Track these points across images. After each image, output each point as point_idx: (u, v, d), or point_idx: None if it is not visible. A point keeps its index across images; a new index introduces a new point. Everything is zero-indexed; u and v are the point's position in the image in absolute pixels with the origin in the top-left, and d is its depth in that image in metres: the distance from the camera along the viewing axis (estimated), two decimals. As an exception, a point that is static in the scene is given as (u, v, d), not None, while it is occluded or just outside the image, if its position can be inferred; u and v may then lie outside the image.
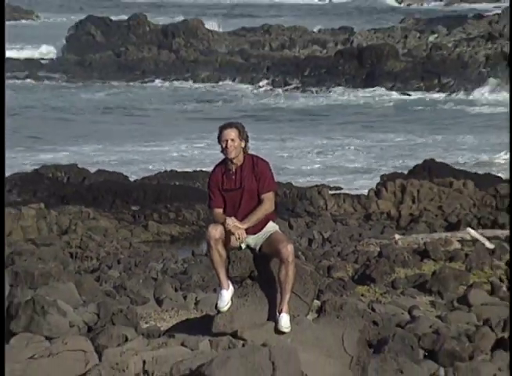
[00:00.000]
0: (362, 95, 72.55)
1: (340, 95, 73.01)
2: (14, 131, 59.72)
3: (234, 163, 12.30)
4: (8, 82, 78.13)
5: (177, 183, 39.10)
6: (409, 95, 72.36)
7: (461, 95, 71.72)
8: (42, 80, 79.69)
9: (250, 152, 12.54)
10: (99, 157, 51.14)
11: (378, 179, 38.15)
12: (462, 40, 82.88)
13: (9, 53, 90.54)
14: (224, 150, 12.31)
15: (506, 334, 19.13)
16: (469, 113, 66.44)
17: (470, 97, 71.20)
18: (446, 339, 18.63)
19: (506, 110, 66.41)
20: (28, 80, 79.43)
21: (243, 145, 12.35)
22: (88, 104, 70.23)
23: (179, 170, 41.74)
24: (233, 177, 12.30)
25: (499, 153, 50.74)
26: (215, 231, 12.17)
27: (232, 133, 12.32)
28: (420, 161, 41.03)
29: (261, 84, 76.73)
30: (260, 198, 12.30)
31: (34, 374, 11.96)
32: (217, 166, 12.51)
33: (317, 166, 48.99)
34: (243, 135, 12.38)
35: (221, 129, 12.45)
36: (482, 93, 71.88)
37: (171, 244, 32.04)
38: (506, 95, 69.57)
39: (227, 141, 12.28)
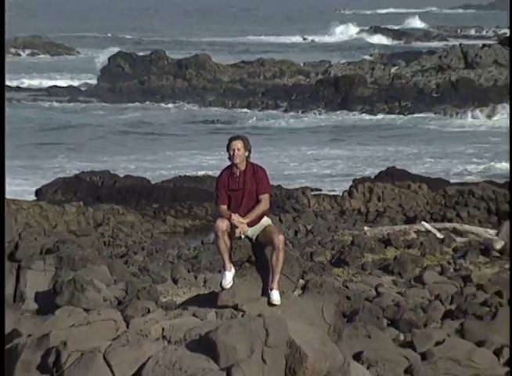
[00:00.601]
0: (338, 116, 72.39)
1: (320, 115, 72.88)
2: (57, 143, 59.87)
3: (238, 168, 12.34)
4: (53, 105, 78.36)
5: (189, 186, 39.09)
6: (376, 115, 72.25)
7: (417, 115, 71.63)
8: (81, 103, 79.60)
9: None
10: (126, 164, 51.19)
11: (350, 183, 38.15)
12: (417, 71, 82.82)
13: (54, 82, 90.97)
14: (231, 157, 12.36)
15: (453, 307, 19.14)
16: (424, 129, 66.41)
17: (426, 116, 71.15)
18: (405, 311, 18.65)
19: (454, 128, 66.76)
20: (70, 103, 79.32)
21: (246, 154, 12.41)
22: (117, 122, 70.17)
23: (190, 175, 41.73)
24: (237, 180, 12.34)
25: (453, 160, 51.16)
26: (222, 224, 12.20)
27: (238, 144, 12.36)
28: (384, 168, 41.11)
29: (257, 106, 76.72)
30: (258, 198, 12.33)
31: (75, 339, 11.93)
32: (224, 170, 12.54)
33: (302, 172, 49.07)
34: (247, 147, 12.43)
35: (230, 140, 12.51)
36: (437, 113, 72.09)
37: (184, 235, 32.03)
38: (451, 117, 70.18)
39: (234, 150, 12.33)
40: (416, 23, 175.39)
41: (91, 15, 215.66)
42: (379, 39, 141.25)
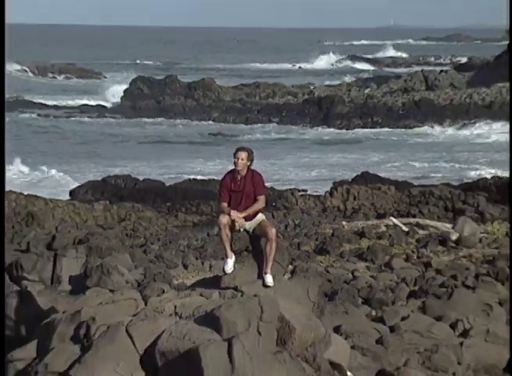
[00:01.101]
0: (321, 129, 72.45)
1: (305, 129, 72.97)
2: (88, 152, 59.96)
3: (240, 173, 12.27)
4: (85, 120, 78.49)
5: (196, 187, 39.10)
6: (352, 129, 72.32)
7: (386, 128, 71.74)
8: (108, 119, 79.75)
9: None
10: (144, 169, 51.24)
11: (331, 185, 38.16)
12: (386, 92, 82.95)
13: (85, 101, 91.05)
14: (235, 164, 12.30)
15: (416, 288, 19.16)
16: (392, 140, 66.55)
17: (393, 130, 71.27)
18: (376, 291, 18.69)
19: (417, 139, 66.86)
20: (99, 119, 79.51)
21: (248, 163, 12.31)
22: (137, 134, 70.32)
23: (198, 178, 41.76)
24: (238, 182, 12.28)
25: (416, 165, 51.30)
26: (224, 219, 12.16)
27: (243, 154, 12.27)
28: (359, 173, 41.13)
29: (253, 122, 76.90)
30: (256, 198, 12.31)
31: (102, 315, 11.94)
32: (227, 173, 12.47)
33: (291, 176, 49.13)
34: (250, 157, 12.33)
35: (237, 150, 12.42)
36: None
37: (193, 228, 32.03)
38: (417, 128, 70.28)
39: (238, 158, 12.24)
40: (386, 52, 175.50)
41: (115, 45, 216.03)
42: (354, 66, 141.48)
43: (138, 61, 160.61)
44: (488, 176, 37.80)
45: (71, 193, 39.14)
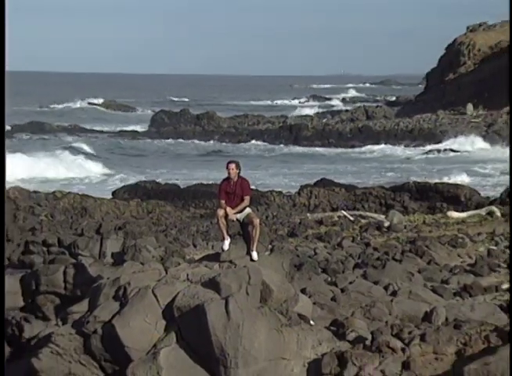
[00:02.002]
0: (292, 148, 72.46)
1: (281, 148, 73.02)
2: (124, 164, 59.88)
3: (232, 179, 12.24)
4: (122, 141, 78.26)
5: (203, 189, 38.97)
6: (314, 148, 72.39)
7: (339, 148, 71.79)
8: (139, 140, 79.57)
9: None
10: (165, 176, 51.28)
11: (299, 187, 38.09)
12: (338, 121, 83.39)
13: (122, 128, 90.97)
14: (228, 173, 12.28)
15: (359, 261, 19.16)
16: (342, 156, 66.66)
17: (344, 149, 71.41)
18: (331, 263, 18.66)
19: (360, 155, 66.95)
20: (132, 140, 79.35)
21: (238, 171, 12.29)
22: (160, 151, 70.51)
23: (204, 183, 41.64)
24: (232, 186, 12.23)
25: (360, 174, 51.29)
26: (221, 212, 12.14)
27: (233, 165, 12.23)
28: (319, 179, 41.01)
29: (243, 142, 76.94)
30: (243, 198, 12.29)
31: (135, 281, 11.91)
32: (223, 180, 12.41)
33: (270, 181, 49.10)
34: (238, 167, 12.28)
35: (229, 162, 12.36)
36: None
37: (200, 218, 31.83)
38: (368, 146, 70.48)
39: (230, 169, 12.23)
40: (338, 93, 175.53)
41: (141, 86, 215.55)
42: (315, 103, 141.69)
43: (160, 99, 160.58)
44: (411, 181, 37.79)
45: (113, 193, 39.02)
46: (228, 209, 12.18)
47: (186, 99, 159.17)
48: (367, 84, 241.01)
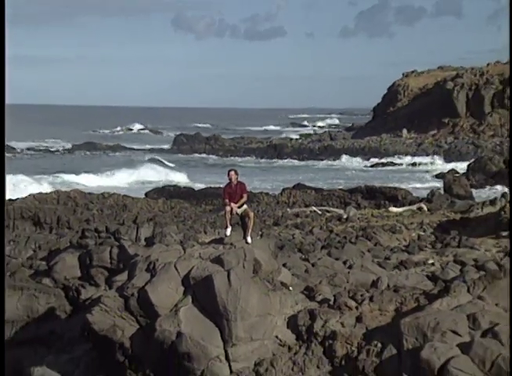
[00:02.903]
0: (275, 162, 71.97)
1: (268, 161, 72.56)
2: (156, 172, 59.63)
3: (232, 183, 12.16)
4: (153, 155, 77.55)
5: (212, 191, 38.78)
6: (292, 161, 72.04)
7: (310, 161, 71.51)
8: (164, 154, 79.04)
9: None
10: (184, 181, 51.10)
11: (281, 189, 37.94)
12: (310, 141, 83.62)
13: (152, 146, 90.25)
14: (229, 178, 12.18)
15: (325, 243, 18.99)
16: (313, 167, 66.54)
17: (314, 162, 71.26)
18: (305, 245, 18.55)
19: (326, 167, 66.76)
20: (159, 154, 79.17)
21: (236, 177, 12.20)
22: (180, 163, 69.83)
23: (212, 186, 41.48)
24: (233, 188, 12.14)
25: (326, 180, 51.20)
26: (228, 208, 11.98)
27: (233, 172, 12.12)
28: (295, 183, 40.87)
29: (241, 157, 76.67)
30: (242, 196, 12.24)
31: (162, 257, 11.84)
32: (227, 184, 12.26)
33: (260, 186, 48.95)
34: (237, 173, 12.20)
35: (230, 170, 12.23)
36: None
37: (209, 212, 31.74)
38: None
39: (231, 175, 12.13)
40: (311, 122, 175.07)
41: (168, 115, 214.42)
42: (293, 129, 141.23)
43: (180, 125, 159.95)
44: (362, 185, 37.71)
45: (146, 194, 38.86)
46: (232, 205, 12.09)
47: (209, 126, 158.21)
48: (332, 115, 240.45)
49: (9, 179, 39.89)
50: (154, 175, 55.35)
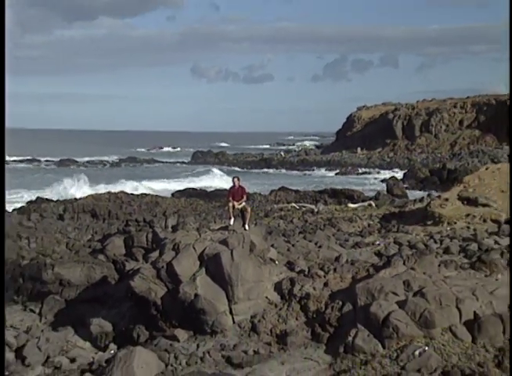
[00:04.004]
0: (266, 170, 71.44)
1: (260, 170, 71.77)
2: (179, 179, 58.98)
3: (235, 186, 12.09)
4: (175, 167, 76.48)
5: (220, 192, 38.43)
6: (280, 171, 71.57)
7: (294, 170, 70.76)
8: (184, 166, 78.01)
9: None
10: (199, 185, 50.11)
11: (270, 191, 37.65)
12: (291, 156, 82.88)
13: (173, 160, 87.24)
14: (233, 183, 12.08)
15: (302, 230, 18.76)
16: (294, 175, 66.04)
17: (296, 172, 70.79)
18: (287, 231, 18.34)
19: (307, 176, 66.30)
20: (182, 165, 78.15)
21: (238, 182, 12.10)
22: (196, 171, 68.81)
23: (219, 188, 41.07)
24: (236, 190, 12.06)
25: (307, 185, 50.92)
26: (230, 204, 12.00)
27: (236, 178, 12.06)
28: (280, 186, 40.51)
29: (241, 168, 76.02)
30: (242, 196, 12.18)
31: (183, 239, 11.75)
32: (230, 187, 12.17)
33: (255, 188, 48.48)
34: (239, 179, 12.17)
35: (234, 177, 12.16)
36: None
37: (217, 207, 31.51)
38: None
39: (235, 181, 12.03)
40: (293, 143, 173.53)
41: (185, 137, 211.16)
42: (278, 147, 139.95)
43: (195, 145, 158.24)
44: (328, 188, 37.52)
45: (172, 194, 38.52)
46: (234, 203, 12.05)
47: (225, 144, 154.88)
48: (308, 137, 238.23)
49: (129, 184, 42.14)
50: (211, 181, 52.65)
